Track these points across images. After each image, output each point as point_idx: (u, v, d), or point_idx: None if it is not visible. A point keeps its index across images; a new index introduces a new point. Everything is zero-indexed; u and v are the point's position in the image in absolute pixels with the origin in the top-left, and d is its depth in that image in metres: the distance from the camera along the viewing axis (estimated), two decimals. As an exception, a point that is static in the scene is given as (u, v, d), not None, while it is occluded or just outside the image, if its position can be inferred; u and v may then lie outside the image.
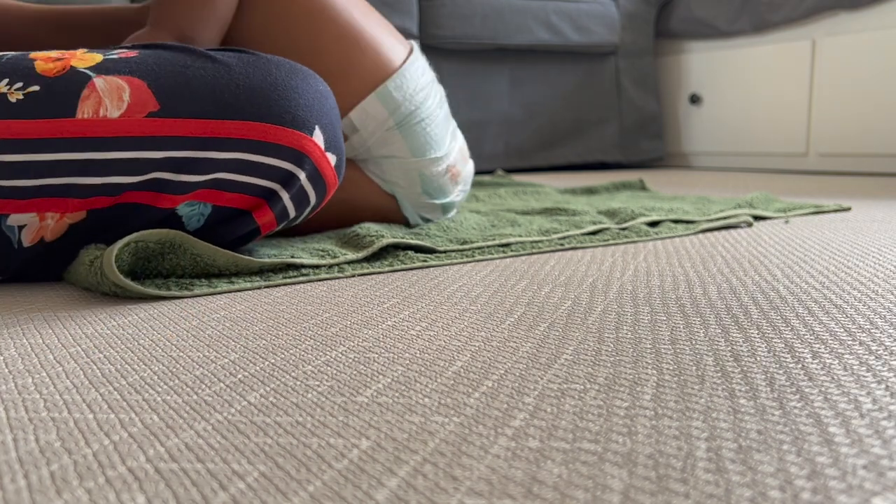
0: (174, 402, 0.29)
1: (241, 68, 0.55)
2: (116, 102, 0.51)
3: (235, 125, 0.54)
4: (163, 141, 0.52)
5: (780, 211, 0.92)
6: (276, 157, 0.55)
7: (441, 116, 0.80)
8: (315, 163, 0.57)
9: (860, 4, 1.79)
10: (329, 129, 0.59)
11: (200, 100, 0.53)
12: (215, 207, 0.56)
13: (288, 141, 0.55)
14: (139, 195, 0.54)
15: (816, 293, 0.47)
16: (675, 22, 2.22)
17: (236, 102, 0.54)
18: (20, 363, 0.35)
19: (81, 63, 0.53)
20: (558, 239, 0.70)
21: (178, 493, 0.22)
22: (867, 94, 1.79)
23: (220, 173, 0.54)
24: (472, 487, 0.22)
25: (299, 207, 0.59)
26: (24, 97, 0.50)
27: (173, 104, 0.52)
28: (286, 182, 0.56)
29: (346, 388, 0.31)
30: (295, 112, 0.56)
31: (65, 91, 0.51)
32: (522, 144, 2.10)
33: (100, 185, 0.52)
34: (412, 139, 0.76)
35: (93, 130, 0.51)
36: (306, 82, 0.58)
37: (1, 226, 0.52)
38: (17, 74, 0.51)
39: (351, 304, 0.47)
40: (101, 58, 0.54)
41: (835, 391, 0.29)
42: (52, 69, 0.52)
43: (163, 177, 0.53)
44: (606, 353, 0.35)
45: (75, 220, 0.53)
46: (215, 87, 0.54)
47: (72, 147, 0.51)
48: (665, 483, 0.22)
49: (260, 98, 0.54)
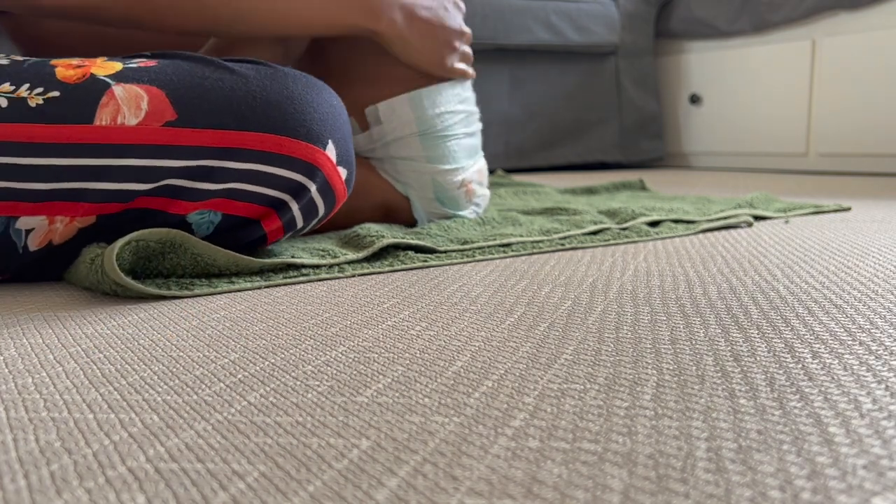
0: (174, 402, 0.29)
1: (258, 81, 0.56)
2: (134, 111, 0.52)
3: (251, 136, 0.54)
4: (179, 150, 0.53)
5: (780, 211, 0.92)
6: (289, 169, 0.56)
7: (466, 143, 0.82)
8: (326, 175, 0.58)
9: (860, 4, 1.79)
10: (341, 143, 0.59)
11: (217, 110, 0.54)
12: (225, 216, 0.56)
13: (301, 154, 0.56)
14: (151, 201, 0.54)
15: (816, 293, 0.47)
16: (675, 22, 2.22)
17: (252, 114, 0.54)
18: (20, 363, 0.35)
19: (101, 71, 0.53)
20: (559, 239, 0.70)
21: (178, 493, 0.22)
22: (867, 94, 1.79)
23: (233, 183, 0.55)
24: (472, 487, 0.22)
25: (307, 218, 0.59)
26: (44, 102, 0.51)
27: (190, 114, 0.53)
28: (297, 193, 0.57)
29: (346, 388, 0.31)
30: (310, 126, 0.56)
31: (84, 98, 0.52)
32: (522, 144, 2.10)
33: (113, 191, 0.53)
34: (431, 149, 0.78)
35: (110, 137, 0.52)
36: (321, 97, 0.59)
37: (8, 229, 0.52)
38: (37, 80, 0.52)
39: (351, 304, 0.47)
40: (121, 66, 0.54)
41: (835, 391, 0.29)
42: (72, 76, 0.52)
43: (177, 184, 0.54)
44: (606, 353, 0.35)
45: (85, 224, 0.53)
46: (232, 99, 0.54)
47: (89, 153, 0.51)
48: (665, 483, 0.22)
49: (276, 111, 0.55)
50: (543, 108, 2.12)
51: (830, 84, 1.87)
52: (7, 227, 0.52)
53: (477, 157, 0.84)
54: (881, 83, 1.77)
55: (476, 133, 0.84)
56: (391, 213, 0.81)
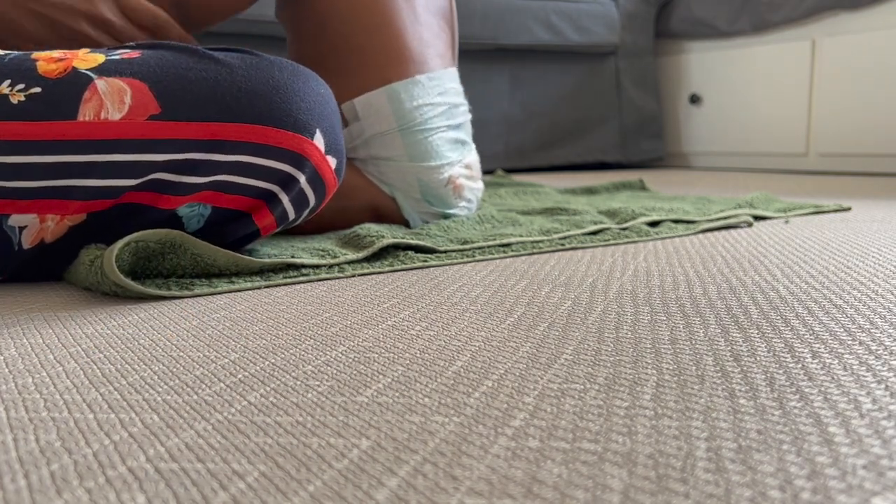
0: (174, 402, 0.29)
1: (243, 70, 0.55)
2: (118, 105, 0.51)
3: (236, 128, 0.54)
4: (164, 144, 0.52)
5: (780, 211, 0.92)
6: (277, 160, 0.55)
7: (448, 136, 0.79)
8: (315, 166, 0.57)
9: (860, 4, 1.79)
10: (330, 132, 0.59)
11: (202, 102, 0.53)
12: (215, 209, 0.56)
13: (289, 144, 0.55)
14: (139, 196, 0.54)
15: (816, 293, 0.47)
16: (675, 22, 2.22)
17: (237, 105, 0.54)
18: (20, 363, 0.35)
19: (83, 64, 0.53)
20: (559, 239, 0.70)
21: (178, 493, 0.22)
22: (867, 94, 1.79)
23: (220, 175, 0.54)
24: (472, 487, 0.22)
25: (299, 209, 0.59)
26: (26, 99, 0.50)
27: (174, 107, 0.52)
28: (286, 184, 0.56)
29: (347, 388, 0.31)
30: (296, 115, 0.56)
31: (66, 93, 0.51)
32: (522, 144, 2.09)
33: (100, 188, 0.52)
34: (413, 146, 0.76)
35: (94, 133, 0.51)
36: (308, 85, 0.58)
37: (2, 226, 0.52)
38: (18, 75, 0.51)
39: (351, 304, 0.47)
40: (104, 59, 0.54)
41: (835, 391, 0.29)
42: (53, 70, 0.52)
43: (163, 178, 0.53)
44: (606, 353, 0.35)
45: (75, 221, 0.53)
46: (217, 90, 0.54)
47: (73, 149, 0.51)
48: (665, 483, 0.22)
49: (261, 101, 0.54)
50: (543, 108, 2.12)
51: (830, 84, 1.87)
52: (0, 224, 0.52)
53: (464, 151, 0.82)
54: (881, 83, 1.77)
55: (461, 126, 0.82)
56: (381, 215, 0.79)
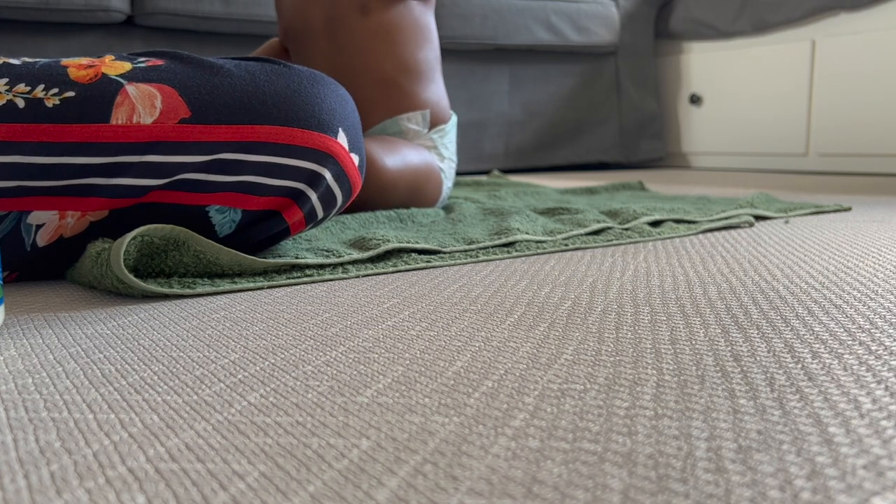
0: (174, 402, 0.29)
1: (265, 76, 0.57)
2: (149, 109, 0.53)
3: (263, 130, 0.55)
4: (195, 146, 0.54)
5: (780, 211, 0.92)
6: (303, 159, 0.57)
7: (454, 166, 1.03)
8: (340, 163, 0.59)
9: (860, 5, 1.79)
10: (352, 130, 0.61)
11: (229, 106, 0.55)
12: (245, 212, 0.57)
13: (313, 143, 0.57)
14: (164, 195, 0.55)
15: (816, 293, 0.47)
16: (674, 22, 2.22)
17: (264, 108, 0.56)
18: (20, 363, 0.35)
19: (112, 70, 0.54)
20: (562, 239, 0.70)
21: (178, 493, 0.22)
22: (867, 94, 1.79)
23: (247, 176, 0.56)
24: (472, 487, 0.22)
25: (327, 208, 0.60)
26: (61, 102, 0.52)
27: (204, 111, 0.54)
28: (313, 182, 0.58)
29: (347, 388, 0.31)
30: (319, 116, 0.58)
31: (99, 97, 0.52)
32: (522, 144, 2.09)
33: (127, 186, 0.53)
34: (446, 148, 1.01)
35: (128, 136, 0.52)
36: (328, 88, 0.60)
37: (19, 224, 0.52)
38: (51, 80, 0.52)
39: (351, 304, 0.47)
40: (131, 66, 0.55)
41: (835, 391, 0.29)
42: (84, 76, 0.53)
43: (191, 177, 0.55)
44: (606, 353, 0.35)
45: (97, 217, 0.54)
46: (243, 95, 0.56)
47: (106, 151, 0.52)
48: (665, 483, 0.22)
49: (285, 104, 0.56)
50: (543, 108, 2.12)
51: (830, 84, 1.87)
52: (18, 221, 0.52)
53: None
54: (881, 83, 1.77)
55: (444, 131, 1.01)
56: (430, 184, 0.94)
